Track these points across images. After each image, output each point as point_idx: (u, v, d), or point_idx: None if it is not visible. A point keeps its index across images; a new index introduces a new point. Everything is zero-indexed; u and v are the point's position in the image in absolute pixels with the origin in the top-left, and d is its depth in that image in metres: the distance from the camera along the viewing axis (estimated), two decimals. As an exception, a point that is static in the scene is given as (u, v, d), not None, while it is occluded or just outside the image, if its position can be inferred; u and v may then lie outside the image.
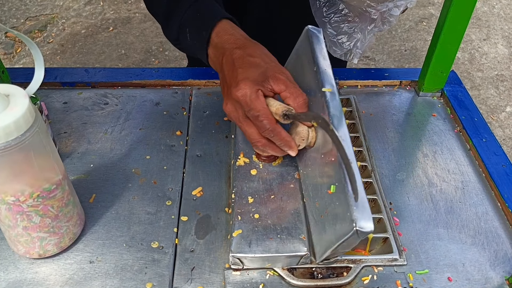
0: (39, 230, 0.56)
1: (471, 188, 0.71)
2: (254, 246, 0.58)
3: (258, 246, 0.58)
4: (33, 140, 0.50)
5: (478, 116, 0.82)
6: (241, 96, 0.60)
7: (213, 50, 0.67)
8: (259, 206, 0.63)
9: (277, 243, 0.59)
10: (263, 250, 0.58)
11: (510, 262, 0.62)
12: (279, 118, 0.61)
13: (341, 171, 0.54)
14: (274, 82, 0.61)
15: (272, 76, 0.62)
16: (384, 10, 0.68)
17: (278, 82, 0.61)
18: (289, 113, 0.61)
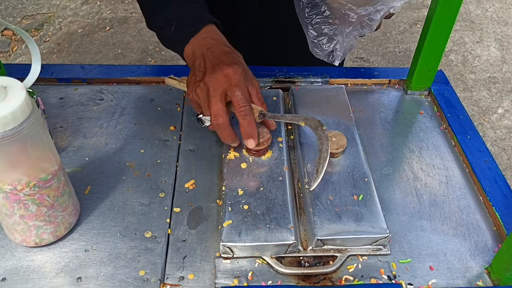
0: (35, 218, 0.58)
1: (455, 182, 0.73)
2: (243, 236, 0.60)
3: (248, 236, 0.60)
4: (30, 131, 0.52)
5: (463, 114, 0.84)
6: (232, 73, 0.66)
7: (199, 41, 0.72)
8: (249, 198, 0.65)
9: (265, 232, 0.61)
10: (252, 239, 0.60)
11: (489, 252, 0.64)
12: (255, 114, 0.69)
13: (372, 188, 0.66)
14: (251, 83, 0.70)
15: (250, 78, 0.70)
16: (363, 14, 0.70)
17: (253, 86, 0.70)
18: (265, 113, 0.69)
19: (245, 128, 0.67)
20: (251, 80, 0.70)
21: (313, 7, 0.73)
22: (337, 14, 0.73)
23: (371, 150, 0.78)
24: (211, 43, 0.71)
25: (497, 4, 3.11)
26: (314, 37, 0.75)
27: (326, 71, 0.92)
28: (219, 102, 0.66)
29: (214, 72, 0.67)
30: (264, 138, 0.69)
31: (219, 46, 0.71)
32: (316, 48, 0.76)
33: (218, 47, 0.71)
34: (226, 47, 0.72)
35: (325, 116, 0.78)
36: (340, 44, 0.75)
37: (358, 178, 0.68)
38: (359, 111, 0.86)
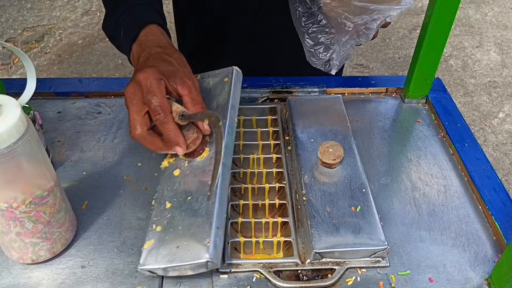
0: (31, 236, 0.58)
1: (453, 191, 0.73)
2: (160, 257, 0.56)
3: (165, 257, 0.56)
4: (25, 148, 0.52)
5: (461, 122, 0.84)
6: (142, 79, 0.63)
7: (137, 47, 0.71)
8: (175, 211, 0.61)
9: (181, 251, 0.56)
10: (168, 260, 0.56)
11: (489, 263, 0.63)
12: (176, 117, 0.64)
13: (369, 199, 0.66)
14: (180, 84, 0.64)
15: (180, 78, 0.65)
16: (360, 23, 0.70)
17: (184, 86, 0.65)
18: (186, 113, 0.64)
19: (166, 136, 0.63)
20: (181, 80, 0.64)
21: (310, 16, 0.73)
22: (333, 23, 0.73)
23: (368, 160, 0.78)
24: (145, 47, 0.69)
25: (496, 8, 3.11)
26: (310, 46, 0.75)
27: (323, 80, 0.92)
28: (134, 113, 0.63)
29: (130, 81, 0.65)
30: (189, 139, 0.64)
31: (151, 48, 0.69)
32: (312, 57, 0.76)
33: (149, 50, 0.69)
34: (157, 48, 0.68)
35: (322, 126, 0.78)
36: (336, 53, 0.75)
37: (355, 189, 0.67)
38: (356, 120, 0.86)
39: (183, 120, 0.64)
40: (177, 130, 0.63)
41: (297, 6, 0.73)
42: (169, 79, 0.64)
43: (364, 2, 0.67)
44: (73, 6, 3.10)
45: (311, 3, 0.72)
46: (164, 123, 0.62)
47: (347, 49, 0.74)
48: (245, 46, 1.02)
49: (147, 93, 0.63)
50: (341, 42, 0.73)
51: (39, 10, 3.07)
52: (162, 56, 0.68)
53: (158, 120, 0.63)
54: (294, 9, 0.73)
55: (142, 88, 0.63)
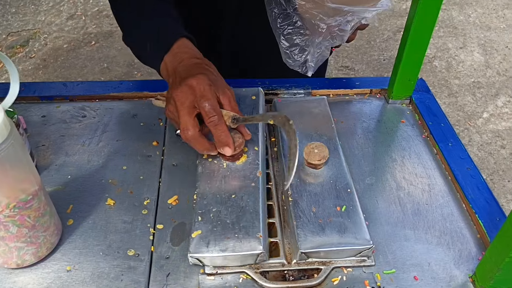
0: (16, 240, 0.58)
1: (438, 190, 0.74)
2: (212, 246, 0.60)
3: (216, 246, 0.60)
4: (8, 152, 0.52)
5: (444, 122, 0.85)
6: (196, 84, 0.66)
7: (171, 58, 0.73)
8: (220, 206, 0.65)
9: (234, 242, 0.60)
10: (220, 249, 0.60)
11: (473, 260, 0.64)
12: (228, 120, 0.68)
13: (354, 198, 0.67)
14: (222, 93, 0.69)
15: (222, 87, 0.70)
16: (333, 25, 0.70)
17: (225, 95, 0.69)
18: (237, 117, 0.69)
19: (218, 137, 0.67)
20: (222, 90, 0.69)
21: (285, 17, 0.74)
22: (308, 25, 0.73)
23: (353, 160, 0.79)
24: (182, 58, 0.72)
25: (480, 9, 3.16)
26: (286, 48, 0.75)
27: (308, 82, 0.93)
28: (186, 115, 0.66)
29: (180, 85, 0.67)
30: (237, 143, 0.69)
31: (190, 59, 0.72)
32: (288, 59, 0.76)
33: (188, 60, 0.72)
34: (196, 59, 0.72)
35: (308, 127, 0.78)
36: (311, 54, 0.75)
37: (341, 189, 0.68)
38: (341, 121, 0.86)
39: (235, 124, 0.69)
40: (228, 132, 0.68)
41: (273, 8, 0.74)
42: (214, 87, 0.68)
43: (338, 3, 0.68)
44: (58, 10, 3.08)
45: (287, 4, 0.73)
46: (217, 125, 0.66)
47: (322, 50, 0.75)
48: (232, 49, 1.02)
49: (201, 97, 0.66)
50: (315, 43, 0.74)
51: (23, 15, 3.04)
52: (203, 66, 0.71)
53: (212, 122, 0.66)
54: (270, 11, 0.74)
55: (196, 93, 0.66)
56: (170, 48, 0.73)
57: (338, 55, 2.75)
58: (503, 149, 2.24)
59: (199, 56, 0.74)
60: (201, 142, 0.68)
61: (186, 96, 0.66)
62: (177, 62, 0.71)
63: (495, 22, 3.05)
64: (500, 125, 2.36)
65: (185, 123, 0.66)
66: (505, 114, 2.42)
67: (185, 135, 0.67)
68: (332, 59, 2.71)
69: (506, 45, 2.85)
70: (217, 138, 0.67)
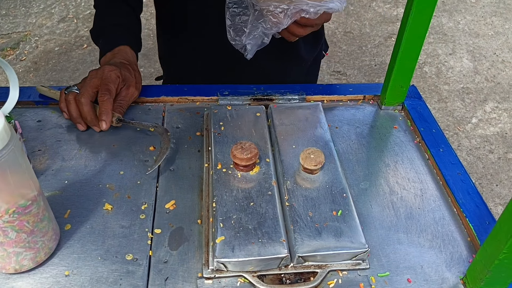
0: (15, 245, 0.58)
1: (429, 195, 0.76)
2: (237, 251, 0.61)
3: (241, 251, 0.61)
4: (9, 158, 0.52)
5: (436, 128, 0.87)
6: (107, 71, 0.84)
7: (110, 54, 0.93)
8: (240, 213, 0.66)
9: (259, 247, 0.62)
10: (246, 254, 0.61)
11: (464, 263, 0.66)
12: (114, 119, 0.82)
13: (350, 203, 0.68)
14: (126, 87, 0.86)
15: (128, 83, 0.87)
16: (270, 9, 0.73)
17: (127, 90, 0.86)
18: (123, 118, 0.83)
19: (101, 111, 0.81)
20: (128, 85, 0.86)
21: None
22: (252, 8, 0.76)
23: (348, 165, 0.80)
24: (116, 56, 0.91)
25: (469, 17, 3.21)
26: (229, 26, 0.80)
27: (302, 88, 0.94)
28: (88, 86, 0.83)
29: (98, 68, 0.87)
30: (252, 153, 0.70)
31: (120, 59, 0.91)
32: (230, 38, 0.81)
33: (119, 59, 0.90)
34: (125, 60, 0.91)
35: (303, 133, 0.80)
36: (246, 36, 0.79)
37: (336, 194, 0.69)
38: (336, 127, 0.88)
39: (118, 123, 0.83)
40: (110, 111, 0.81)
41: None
42: (123, 81, 0.86)
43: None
44: (49, 13, 3.07)
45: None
46: (104, 101, 0.81)
47: (259, 35, 0.78)
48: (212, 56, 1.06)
49: (104, 79, 0.83)
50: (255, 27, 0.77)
51: (14, 17, 3.02)
52: (127, 66, 0.90)
53: (101, 97, 0.82)
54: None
55: (103, 75, 0.83)
56: (112, 49, 0.93)
57: (330, 60, 2.78)
58: (491, 153, 2.27)
59: (130, 60, 0.92)
60: (88, 110, 0.81)
61: (95, 75, 0.84)
62: (111, 57, 0.91)
63: (484, 29, 3.10)
64: (488, 130, 2.39)
65: (84, 91, 0.82)
66: (493, 119, 2.46)
67: (78, 98, 0.81)
68: (324, 64, 2.73)
69: (494, 52, 2.90)
70: (100, 112, 0.81)
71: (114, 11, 0.99)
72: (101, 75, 0.84)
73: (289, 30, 0.83)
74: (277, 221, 0.65)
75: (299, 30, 0.83)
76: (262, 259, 0.61)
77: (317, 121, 0.83)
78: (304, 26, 0.83)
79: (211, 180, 0.72)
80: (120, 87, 0.86)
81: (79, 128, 0.83)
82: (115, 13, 0.99)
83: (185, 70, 1.15)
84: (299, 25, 0.82)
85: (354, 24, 3.10)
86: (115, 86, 0.84)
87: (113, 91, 0.83)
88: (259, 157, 0.74)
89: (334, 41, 2.94)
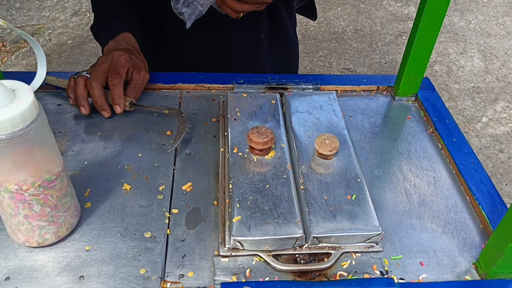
0: (39, 218, 0.60)
1: (442, 183, 0.77)
2: (253, 230, 0.63)
3: (257, 230, 0.63)
4: (36, 132, 0.54)
5: (449, 118, 0.88)
6: (117, 56, 0.85)
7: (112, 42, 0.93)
8: (256, 195, 0.67)
9: (274, 227, 0.63)
10: (262, 233, 0.62)
11: (476, 249, 0.67)
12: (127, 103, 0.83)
13: (364, 188, 0.69)
14: (136, 71, 0.88)
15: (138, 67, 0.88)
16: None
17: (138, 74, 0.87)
18: (135, 102, 0.85)
19: (113, 96, 0.83)
20: (138, 69, 0.88)
21: None
22: None
23: (361, 153, 0.81)
24: (120, 43, 0.92)
25: (480, 16, 3.20)
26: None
27: (316, 78, 0.95)
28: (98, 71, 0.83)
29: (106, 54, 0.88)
30: (268, 137, 0.72)
31: (125, 45, 0.92)
32: (172, 6, 0.85)
33: (124, 45, 0.91)
34: (130, 46, 0.92)
35: (318, 120, 0.81)
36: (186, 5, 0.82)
37: (351, 179, 0.70)
38: (349, 116, 0.89)
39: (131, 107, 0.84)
40: (122, 94, 0.83)
41: None
42: (132, 65, 0.87)
43: None
44: (62, 6, 3.10)
45: None
46: (115, 85, 0.82)
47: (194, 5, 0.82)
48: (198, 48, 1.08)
49: (114, 63, 0.84)
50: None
51: (28, 10, 3.06)
52: (133, 51, 0.91)
53: (111, 81, 0.83)
54: None
55: (112, 60, 0.85)
56: (114, 37, 0.94)
57: (340, 58, 2.78)
58: (501, 153, 2.27)
59: (134, 46, 0.94)
60: (98, 94, 0.82)
61: (105, 60, 0.85)
62: (114, 45, 0.92)
63: (495, 29, 3.09)
64: (498, 130, 2.39)
65: (94, 76, 0.82)
66: (503, 119, 2.45)
67: (89, 82, 0.82)
68: (334, 61, 2.74)
69: (506, 52, 2.89)
70: (112, 96, 0.82)
71: (111, 7, 1.01)
72: (110, 60, 0.85)
73: (226, 3, 0.85)
74: (292, 203, 0.67)
75: (236, 5, 0.85)
76: (277, 238, 0.63)
77: (331, 109, 0.84)
78: (240, 1, 0.85)
79: (227, 163, 0.74)
80: (130, 72, 0.87)
81: (82, 112, 0.83)
82: (112, 9, 1.01)
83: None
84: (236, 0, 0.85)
85: (364, 22, 3.10)
86: (125, 70, 0.85)
87: (123, 75, 0.84)
88: (274, 142, 0.75)
89: (345, 38, 2.94)
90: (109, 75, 0.84)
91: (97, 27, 1.02)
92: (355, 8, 3.22)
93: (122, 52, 0.87)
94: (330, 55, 2.81)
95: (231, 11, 0.87)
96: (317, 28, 3.00)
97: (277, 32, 1.10)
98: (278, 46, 1.12)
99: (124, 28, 0.97)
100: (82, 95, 0.83)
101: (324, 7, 3.20)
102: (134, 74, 0.87)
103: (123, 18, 1.00)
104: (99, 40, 1.01)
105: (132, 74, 0.87)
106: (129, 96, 0.85)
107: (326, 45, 2.89)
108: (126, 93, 0.85)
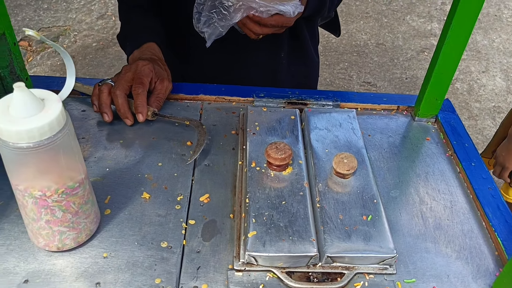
0: (60, 224, 0.62)
1: (459, 207, 0.76)
2: (268, 246, 0.63)
3: (272, 246, 0.63)
4: (63, 141, 0.56)
5: (468, 142, 0.88)
6: (141, 65, 0.88)
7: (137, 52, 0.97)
8: (272, 211, 0.68)
9: (289, 244, 0.64)
10: (276, 250, 0.63)
11: (491, 276, 0.67)
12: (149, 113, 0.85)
13: (380, 209, 0.70)
14: (160, 81, 0.89)
15: (161, 77, 0.90)
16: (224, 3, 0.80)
17: (162, 83, 0.89)
18: (158, 112, 0.87)
19: (136, 104, 0.84)
20: (162, 79, 0.89)
21: None
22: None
23: (379, 173, 0.81)
24: (145, 53, 0.95)
25: (504, 35, 3.17)
26: (194, 13, 0.86)
27: (336, 95, 0.96)
28: (122, 80, 0.86)
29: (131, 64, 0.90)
30: (286, 153, 0.72)
31: (150, 55, 0.95)
32: (194, 24, 0.87)
33: (148, 55, 0.94)
34: (154, 56, 0.95)
35: (336, 138, 0.81)
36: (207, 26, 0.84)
37: (367, 199, 0.71)
38: (368, 134, 0.89)
39: (153, 117, 0.86)
40: (145, 103, 0.85)
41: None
42: (156, 75, 0.89)
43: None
44: (89, 9, 3.16)
45: None
46: (139, 94, 0.84)
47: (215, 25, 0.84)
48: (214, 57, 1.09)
49: (138, 73, 0.87)
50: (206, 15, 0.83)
51: (55, 11, 3.13)
52: (157, 61, 0.94)
53: (135, 90, 0.85)
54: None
55: (137, 69, 0.87)
56: (140, 47, 0.97)
57: (361, 71, 2.78)
58: (520, 175, 2.23)
59: (158, 56, 0.96)
60: (122, 102, 0.84)
61: (129, 69, 0.87)
62: (139, 54, 0.95)
63: (519, 48, 3.05)
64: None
65: (118, 84, 0.85)
66: (524, 140, 2.42)
67: (113, 90, 0.85)
68: (354, 74, 2.74)
69: (529, 72, 2.85)
70: (135, 105, 0.84)
71: (137, 17, 1.04)
72: (134, 69, 0.87)
73: (246, 26, 0.87)
74: (308, 220, 0.67)
75: (256, 28, 0.86)
76: (291, 256, 0.63)
77: (350, 127, 0.84)
78: (260, 25, 0.86)
79: (244, 177, 0.75)
80: (154, 81, 0.89)
81: (104, 119, 0.85)
82: (139, 19, 1.04)
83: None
84: (255, 22, 0.85)
85: (387, 36, 3.09)
86: (149, 80, 0.87)
87: (147, 84, 0.86)
88: (292, 158, 0.76)
89: (366, 51, 2.94)
90: (133, 84, 0.86)
91: (123, 36, 1.05)
92: (378, 22, 3.22)
93: (147, 61, 0.89)
94: (351, 68, 2.81)
95: (251, 33, 0.89)
96: (339, 41, 3.00)
97: (297, 51, 1.11)
98: (297, 65, 1.13)
99: (150, 38, 0.99)
100: (106, 103, 0.85)
101: (347, 20, 3.20)
102: (157, 84, 0.89)
103: (149, 28, 1.03)
104: (125, 48, 1.04)
105: (156, 84, 0.89)
106: (152, 106, 0.86)
107: (347, 57, 2.89)
108: (149, 103, 0.86)
